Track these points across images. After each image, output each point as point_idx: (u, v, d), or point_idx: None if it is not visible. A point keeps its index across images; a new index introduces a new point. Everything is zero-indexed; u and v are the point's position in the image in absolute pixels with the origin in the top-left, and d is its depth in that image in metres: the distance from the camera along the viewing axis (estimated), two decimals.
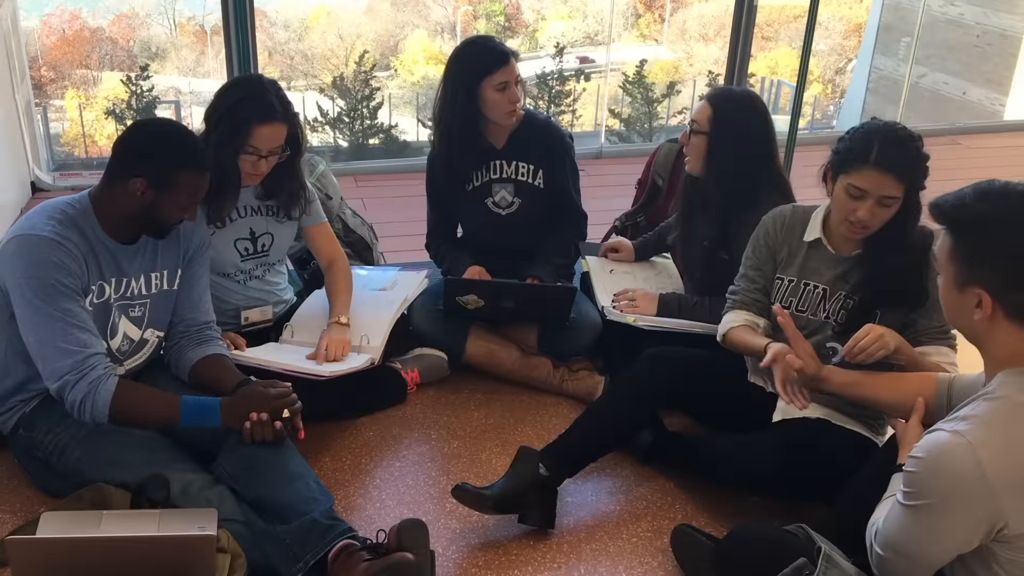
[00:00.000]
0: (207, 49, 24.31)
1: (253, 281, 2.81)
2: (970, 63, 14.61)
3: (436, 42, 23.36)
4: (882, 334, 2.14)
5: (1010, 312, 1.65)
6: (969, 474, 1.58)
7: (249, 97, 2.55)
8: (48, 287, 2.15)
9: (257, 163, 2.57)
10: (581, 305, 2.94)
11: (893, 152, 2.18)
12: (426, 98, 20.48)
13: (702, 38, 22.84)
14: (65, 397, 2.17)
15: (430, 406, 2.89)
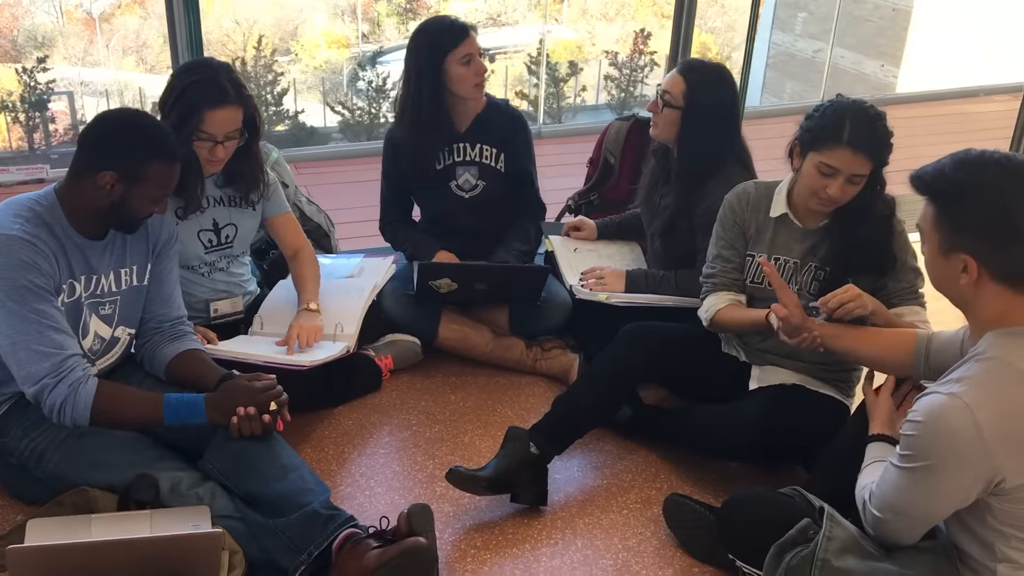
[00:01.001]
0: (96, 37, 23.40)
1: (217, 273, 2.74)
2: (864, 37, 15.08)
3: (337, 25, 22.96)
4: (861, 293, 2.22)
5: (995, 274, 1.71)
6: (967, 434, 1.65)
7: (199, 81, 2.47)
8: (20, 288, 2.06)
9: (214, 149, 2.50)
10: (551, 285, 2.97)
11: (865, 132, 2.24)
12: (331, 83, 20.15)
13: (603, 17, 23.03)
14: (44, 401, 2.09)
15: (406, 392, 2.88)
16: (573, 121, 12.79)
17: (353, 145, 12.79)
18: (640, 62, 18.15)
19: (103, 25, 22.39)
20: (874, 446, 2.03)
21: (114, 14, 22.70)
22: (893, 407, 2.09)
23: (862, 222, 2.37)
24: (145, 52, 22.17)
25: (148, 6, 23.01)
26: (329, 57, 22.19)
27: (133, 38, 22.15)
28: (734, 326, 2.53)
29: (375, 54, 20.63)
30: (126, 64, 21.55)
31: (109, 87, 19.84)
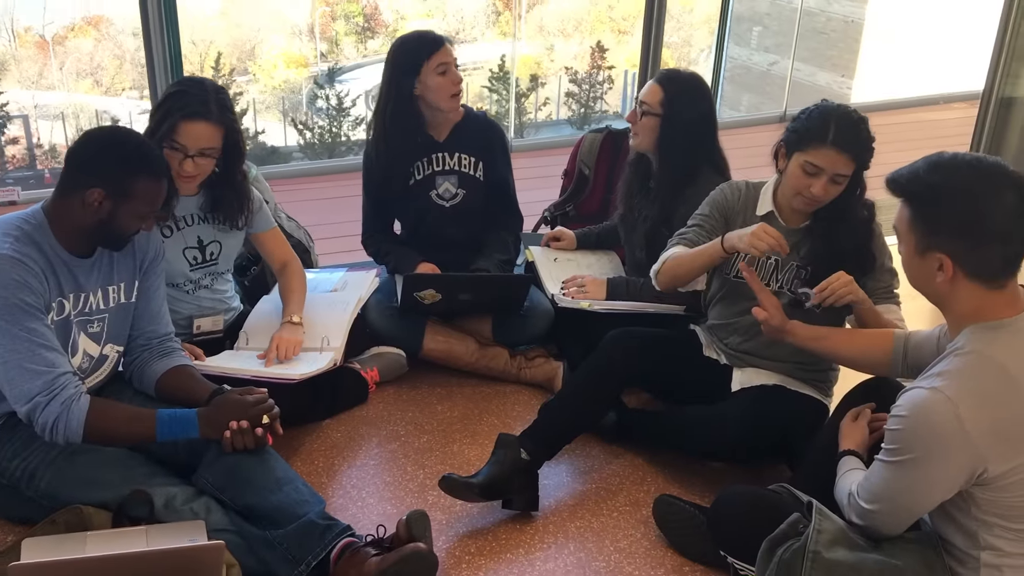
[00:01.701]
0: (50, 60, 23.12)
1: (202, 291, 2.75)
2: (817, 49, 15.38)
3: (295, 44, 22.92)
4: (851, 280, 2.29)
5: (969, 272, 1.78)
6: (950, 426, 1.71)
7: (182, 92, 2.51)
8: (12, 307, 2.06)
9: (183, 162, 2.50)
10: (532, 294, 3.01)
11: (849, 133, 2.33)
12: (290, 102, 20.11)
13: (561, 33, 23.23)
14: (36, 419, 2.09)
15: (393, 403, 2.90)
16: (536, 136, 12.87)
17: (316, 163, 12.79)
18: (599, 77, 18.33)
19: (56, 48, 22.14)
20: (846, 460, 2.10)
21: (67, 37, 22.48)
22: (867, 433, 2.16)
23: (843, 223, 2.45)
24: (100, 74, 21.98)
25: (102, 28, 22.82)
26: (288, 76, 22.16)
27: (87, 60, 21.94)
28: (684, 266, 2.55)
29: (333, 72, 20.63)
30: (81, 87, 21.34)
31: (64, 110, 19.64)
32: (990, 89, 4.91)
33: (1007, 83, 4.87)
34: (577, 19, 23.46)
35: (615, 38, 22.84)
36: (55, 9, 23.01)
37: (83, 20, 23.01)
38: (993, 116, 4.87)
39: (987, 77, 4.93)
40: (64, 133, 17.94)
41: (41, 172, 15.48)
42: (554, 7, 23.85)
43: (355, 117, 16.63)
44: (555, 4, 23.86)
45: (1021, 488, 1.76)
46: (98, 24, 22.91)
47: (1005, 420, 1.74)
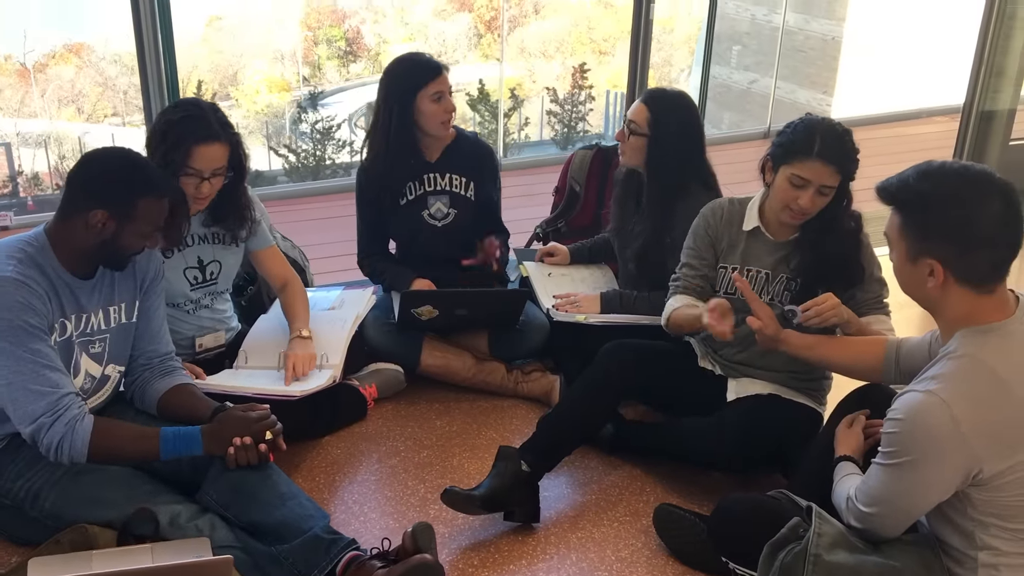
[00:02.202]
0: (31, 88, 23.06)
1: (202, 310, 2.77)
2: (796, 67, 15.55)
3: (277, 69, 22.97)
4: (839, 303, 2.33)
5: (959, 277, 1.82)
6: (945, 428, 1.75)
7: (186, 118, 2.52)
8: (16, 328, 2.08)
9: (200, 185, 2.54)
10: (528, 308, 3.04)
11: (834, 145, 2.37)
12: (274, 127, 20.13)
13: (542, 55, 23.40)
14: (41, 440, 2.10)
15: (392, 419, 2.93)
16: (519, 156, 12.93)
17: (303, 184, 12.81)
18: (580, 97, 18.46)
19: (38, 75, 22.10)
20: (842, 465, 2.13)
21: (48, 64, 22.45)
22: (862, 439, 2.20)
23: (830, 235, 2.49)
24: (82, 101, 21.95)
25: (83, 55, 22.80)
26: (271, 101, 22.20)
27: (69, 88, 21.91)
28: (683, 324, 2.61)
29: (316, 97, 20.68)
30: (64, 114, 21.30)
31: (47, 137, 19.58)
32: (970, 103, 5.00)
33: (987, 97, 4.97)
34: (558, 40, 23.64)
35: (596, 59, 23.02)
36: (36, 37, 22.98)
37: (64, 47, 23.00)
38: (974, 129, 4.97)
39: (967, 92, 5.03)
40: (47, 160, 17.89)
41: (24, 200, 15.40)
42: (535, 29, 24.04)
43: (339, 140, 16.65)
44: (536, 26, 24.05)
45: (1016, 488, 1.80)
46: (79, 51, 22.90)
47: (998, 421, 1.78)
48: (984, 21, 4.87)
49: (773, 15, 15.74)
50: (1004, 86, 4.99)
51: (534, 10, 24.70)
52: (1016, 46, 4.95)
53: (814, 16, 15.49)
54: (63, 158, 18.35)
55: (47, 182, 16.90)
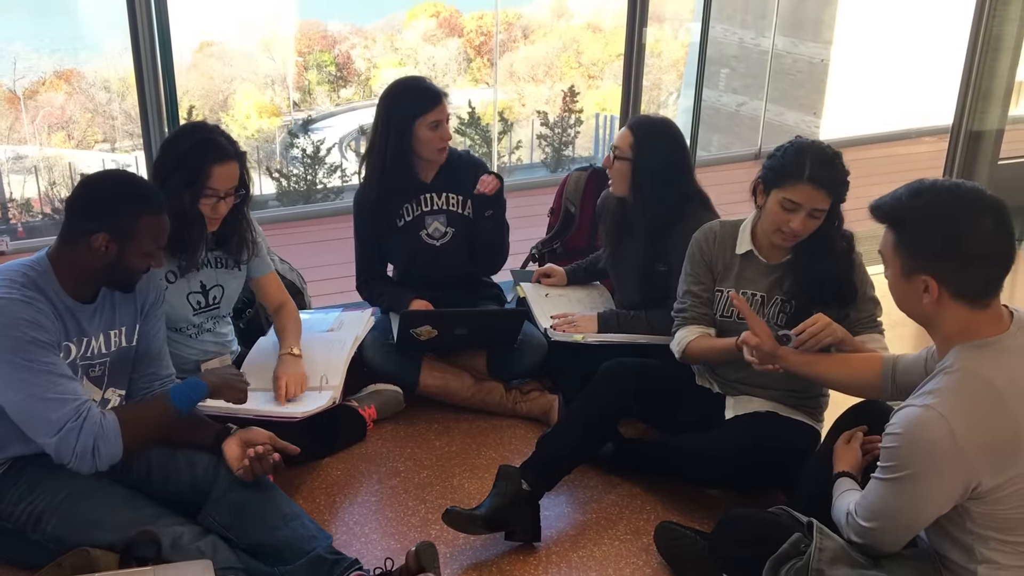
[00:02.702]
0: (21, 114, 23.08)
1: (205, 334, 2.78)
2: (785, 90, 15.69)
3: (267, 94, 23.05)
4: (830, 323, 2.35)
5: (954, 293, 1.84)
6: (944, 442, 1.77)
7: (202, 140, 2.56)
8: (27, 343, 2.08)
9: (217, 205, 2.57)
10: (525, 327, 3.06)
11: (824, 169, 2.40)
12: (264, 152, 20.17)
13: (532, 79, 23.55)
14: (73, 447, 2.08)
15: (391, 440, 2.93)
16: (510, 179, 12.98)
17: (291, 209, 12.83)
18: (570, 121, 18.58)
19: (28, 102, 22.12)
20: (841, 481, 2.15)
21: (38, 91, 22.47)
22: (860, 455, 2.21)
23: (823, 256, 2.51)
24: (72, 127, 21.96)
25: (73, 82, 22.84)
26: (261, 126, 22.26)
27: (59, 114, 21.93)
28: (705, 355, 2.64)
29: (307, 121, 20.75)
30: (53, 140, 21.30)
31: (37, 163, 19.57)
32: (958, 124, 5.07)
33: (975, 118, 5.03)
34: (547, 64, 23.81)
35: (585, 83, 23.18)
36: (27, 63, 23.01)
37: (54, 74, 23.03)
38: (963, 149, 5.04)
39: (955, 113, 5.09)
40: (37, 187, 17.87)
41: (14, 226, 15.37)
42: (524, 53, 24.21)
43: (330, 164, 16.70)
44: (525, 50, 24.23)
45: (1014, 500, 1.81)
46: (69, 78, 22.94)
47: (995, 435, 1.79)
48: (971, 43, 4.94)
49: (761, 39, 15.88)
50: (991, 107, 5.06)
51: (523, 35, 24.89)
52: (1002, 68, 5.02)
53: (802, 39, 15.65)
54: (53, 184, 18.35)
55: (37, 208, 16.88)
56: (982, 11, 4.88)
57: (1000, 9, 4.87)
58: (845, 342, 2.39)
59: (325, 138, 17.58)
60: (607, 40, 23.64)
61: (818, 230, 2.48)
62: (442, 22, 25.07)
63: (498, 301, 3.30)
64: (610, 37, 23.77)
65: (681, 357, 2.67)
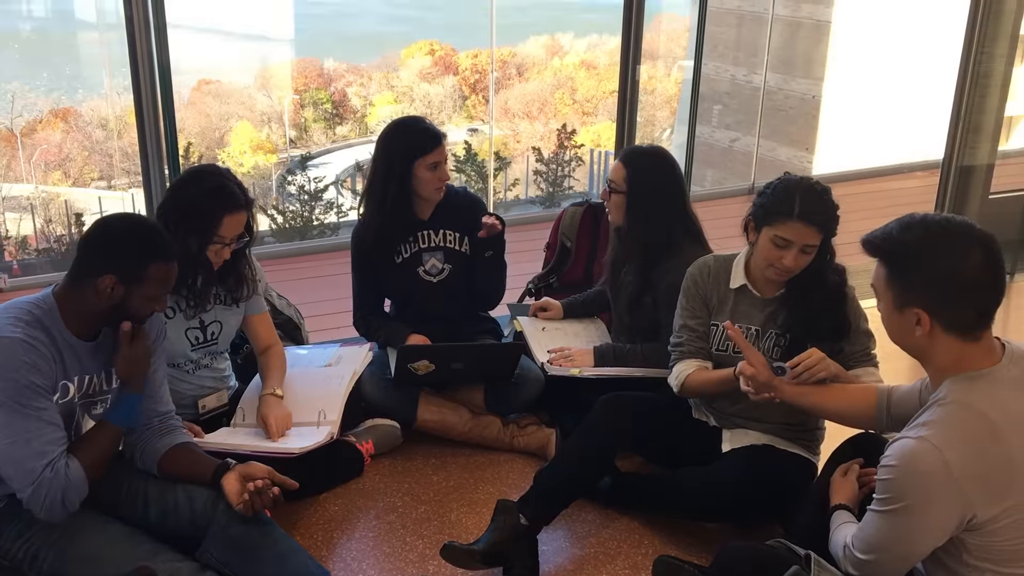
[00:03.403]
0: (18, 152, 23.17)
1: (202, 370, 2.80)
2: (776, 125, 15.83)
3: (263, 132, 23.21)
4: (824, 357, 2.37)
5: (945, 325, 1.86)
6: (938, 473, 1.78)
7: (216, 188, 2.60)
8: (23, 388, 2.09)
9: (221, 251, 2.62)
10: (522, 361, 3.07)
11: (814, 205, 2.43)
12: (260, 188, 20.26)
13: (526, 116, 23.75)
14: (42, 497, 2.08)
15: (388, 475, 2.93)
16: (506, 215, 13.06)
17: (287, 245, 12.87)
18: (565, 157, 18.74)
19: (24, 140, 22.21)
20: (838, 514, 2.16)
21: (35, 129, 22.58)
22: (856, 487, 2.22)
23: (816, 291, 2.54)
24: (68, 165, 22.05)
25: (70, 120, 22.96)
26: (257, 163, 22.40)
27: (56, 152, 22.03)
28: (704, 388, 2.66)
29: (304, 158, 20.87)
30: (50, 178, 21.38)
31: (33, 201, 19.62)
32: (949, 159, 5.13)
33: (965, 153, 5.09)
34: (541, 101, 24.02)
35: (579, 119, 23.37)
36: (24, 102, 23.13)
37: (51, 113, 23.16)
38: (954, 184, 5.10)
39: (945, 148, 5.16)
40: (33, 224, 17.90)
41: (9, 264, 15.38)
42: (519, 90, 24.44)
43: (326, 201, 16.80)
44: (519, 87, 24.46)
45: (1010, 532, 1.82)
46: (66, 116, 23.07)
47: (990, 466, 1.81)
48: (960, 79, 5.01)
49: (753, 76, 16.06)
50: (981, 142, 5.12)
51: (517, 72, 25.14)
52: (991, 104, 5.09)
53: (793, 76, 15.84)
54: (49, 221, 18.38)
55: (33, 246, 16.90)
56: (970, 48, 4.96)
57: (988, 46, 4.95)
58: (839, 377, 2.40)
59: (322, 175, 17.68)
60: (601, 77, 23.89)
61: (811, 265, 2.50)
62: (437, 60, 25.34)
63: (495, 335, 3.32)
64: (604, 74, 24.03)
65: (680, 391, 2.68)
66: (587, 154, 18.78)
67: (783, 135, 15.88)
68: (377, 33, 28.83)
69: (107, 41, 21.18)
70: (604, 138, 21.61)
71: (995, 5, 4.91)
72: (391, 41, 27.19)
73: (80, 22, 24.52)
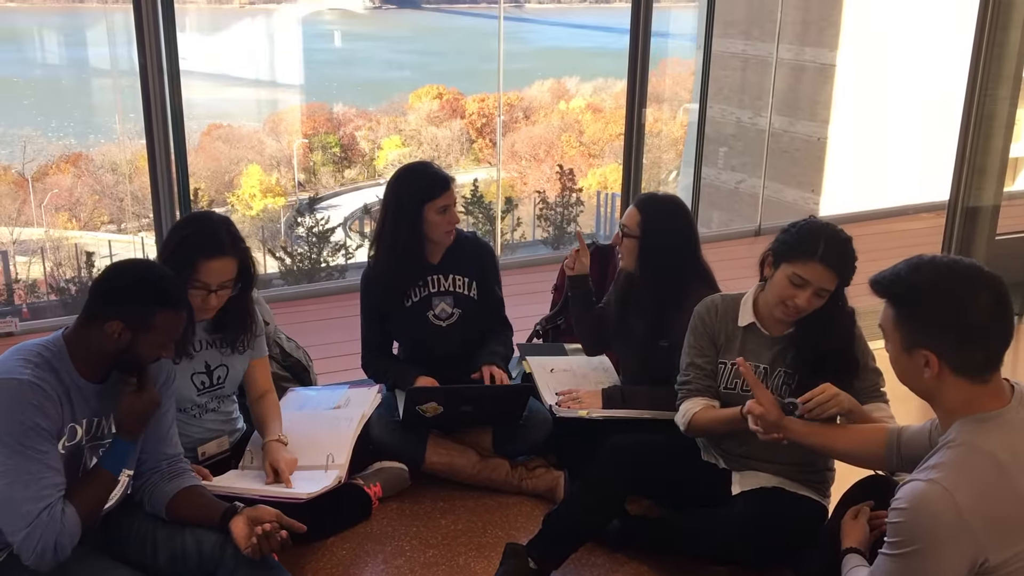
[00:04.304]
0: (29, 197, 23.39)
1: (208, 414, 2.80)
2: (782, 167, 15.92)
3: (273, 176, 23.39)
4: (837, 393, 2.36)
5: (954, 368, 1.86)
6: (949, 516, 1.77)
7: (197, 232, 2.61)
8: (27, 430, 2.09)
9: (207, 297, 2.59)
10: (531, 403, 3.07)
11: (837, 251, 2.45)
12: (269, 231, 20.37)
13: (533, 158, 23.91)
14: (34, 547, 2.08)
15: (396, 519, 2.92)
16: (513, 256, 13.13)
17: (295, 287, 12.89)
18: (571, 199, 18.83)
19: (36, 184, 22.43)
20: (850, 557, 2.14)
21: (47, 174, 22.80)
22: (867, 531, 2.21)
23: (827, 332, 2.54)
24: (78, 209, 22.23)
25: (81, 165, 23.18)
26: (266, 206, 22.55)
27: (66, 196, 22.23)
28: (711, 426, 2.65)
29: (312, 201, 21.03)
30: (59, 221, 21.56)
31: (43, 244, 19.77)
32: (955, 200, 5.15)
33: (971, 194, 5.11)
34: (548, 143, 24.19)
35: (585, 162, 23.52)
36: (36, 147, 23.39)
37: (62, 158, 23.40)
38: (960, 225, 5.11)
39: (951, 189, 5.17)
40: (43, 268, 18.01)
41: (19, 307, 15.44)
42: (525, 133, 24.63)
43: (334, 243, 16.87)
44: (526, 130, 24.66)
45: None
46: (77, 161, 23.30)
47: (1001, 509, 1.79)
48: (964, 121, 5.04)
49: (758, 118, 16.19)
50: (987, 183, 5.14)
51: (524, 115, 25.36)
52: (996, 145, 5.11)
53: (798, 119, 15.94)
54: (59, 265, 18.49)
55: (43, 289, 16.98)
56: (974, 89, 4.99)
57: (992, 88, 4.99)
58: (852, 412, 2.39)
59: (330, 217, 17.78)
60: (607, 120, 24.07)
61: (822, 308, 2.51)
62: (444, 104, 25.59)
63: (504, 359, 3.30)
64: (610, 117, 24.22)
65: (686, 429, 2.68)
66: (589, 196, 18.88)
67: (789, 177, 15.96)
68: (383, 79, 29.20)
69: (120, 87, 21.46)
70: (611, 180, 21.73)
71: (998, 48, 4.95)
72: (397, 86, 27.53)
73: (94, 69, 24.89)
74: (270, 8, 29.69)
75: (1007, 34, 4.96)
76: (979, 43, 4.97)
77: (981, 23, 4.96)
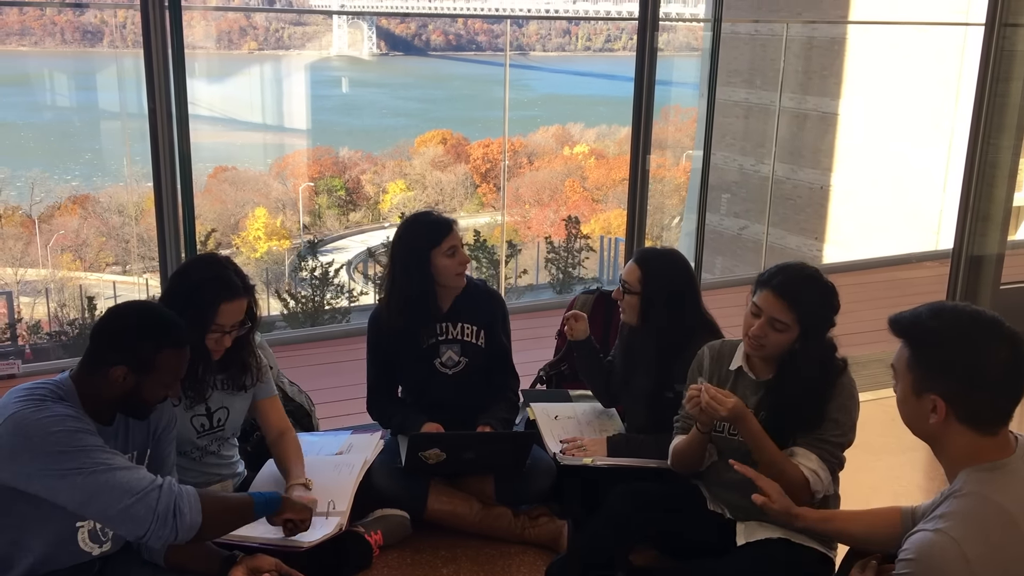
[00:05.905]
0: (35, 239, 23.52)
1: (208, 456, 2.78)
2: (785, 214, 15.98)
3: (278, 219, 23.53)
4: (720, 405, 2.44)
5: (960, 416, 1.85)
6: (957, 566, 1.74)
7: (213, 277, 2.62)
8: (79, 433, 2.09)
9: (221, 339, 2.62)
10: (534, 451, 3.05)
11: (792, 283, 2.50)
12: (273, 273, 20.41)
13: (537, 203, 24.04)
14: (154, 507, 2.07)
15: (397, 568, 2.88)
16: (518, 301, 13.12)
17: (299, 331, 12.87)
18: (576, 245, 18.87)
19: (42, 226, 22.56)
20: None
21: (53, 215, 22.96)
22: None
23: (796, 380, 2.54)
24: (84, 250, 22.34)
25: (88, 206, 23.34)
26: (271, 248, 22.67)
27: (72, 237, 22.35)
28: (684, 453, 2.67)
29: (316, 243, 21.11)
30: (64, 261, 21.65)
31: (48, 285, 19.83)
32: (959, 249, 5.15)
33: (975, 243, 5.12)
34: (552, 188, 24.33)
35: (588, 207, 23.62)
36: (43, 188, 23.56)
37: (69, 200, 23.58)
38: (964, 274, 5.10)
39: (955, 237, 5.18)
40: (47, 308, 18.04)
41: (22, 348, 15.43)
42: (529, 178, 24.80)
43: (338, 286, 16.88)
44: (530, 175, 24.83)
45: None
46: (84, 203, 23.47)
47: (1009, 559, 1.77)
48: (967, 170, 5.06)
49: (761, 165, 16.27)
50: (991, 231, 5.15)
51: (528, 160, 25.55)
52: (999, 194, 5.13)
53: (800, 166, 16.02)
54: (63, 306, 18.52)
55: (46, 330, 16.99)
56: (976, 138, 5.03)
57: (994, 138, 5.02)
58: (761, 453, 2.46)
59: (334, 260, 17.83)
60: (610, 166, 24.24)
61: (802, 353, 2.51)
62: (449, 148, 25.81)
63: (507, 424, 3.30)
64: (613, 163, 24.40)
65: (671, 463, 2.70)
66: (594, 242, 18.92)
67: (792, 223, 16.01)
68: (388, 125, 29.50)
69: (129, 130, 21.66)
70: (615, 225, 21.82)
71: (1000, 98, 4.99)
72: (402, 131, 27.81)
73: (103, 112, 25.17)
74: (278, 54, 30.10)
75: (1008, 85, 5.01)
76: (981, 93, 5.02)
77: (983, 74, 5.00)
